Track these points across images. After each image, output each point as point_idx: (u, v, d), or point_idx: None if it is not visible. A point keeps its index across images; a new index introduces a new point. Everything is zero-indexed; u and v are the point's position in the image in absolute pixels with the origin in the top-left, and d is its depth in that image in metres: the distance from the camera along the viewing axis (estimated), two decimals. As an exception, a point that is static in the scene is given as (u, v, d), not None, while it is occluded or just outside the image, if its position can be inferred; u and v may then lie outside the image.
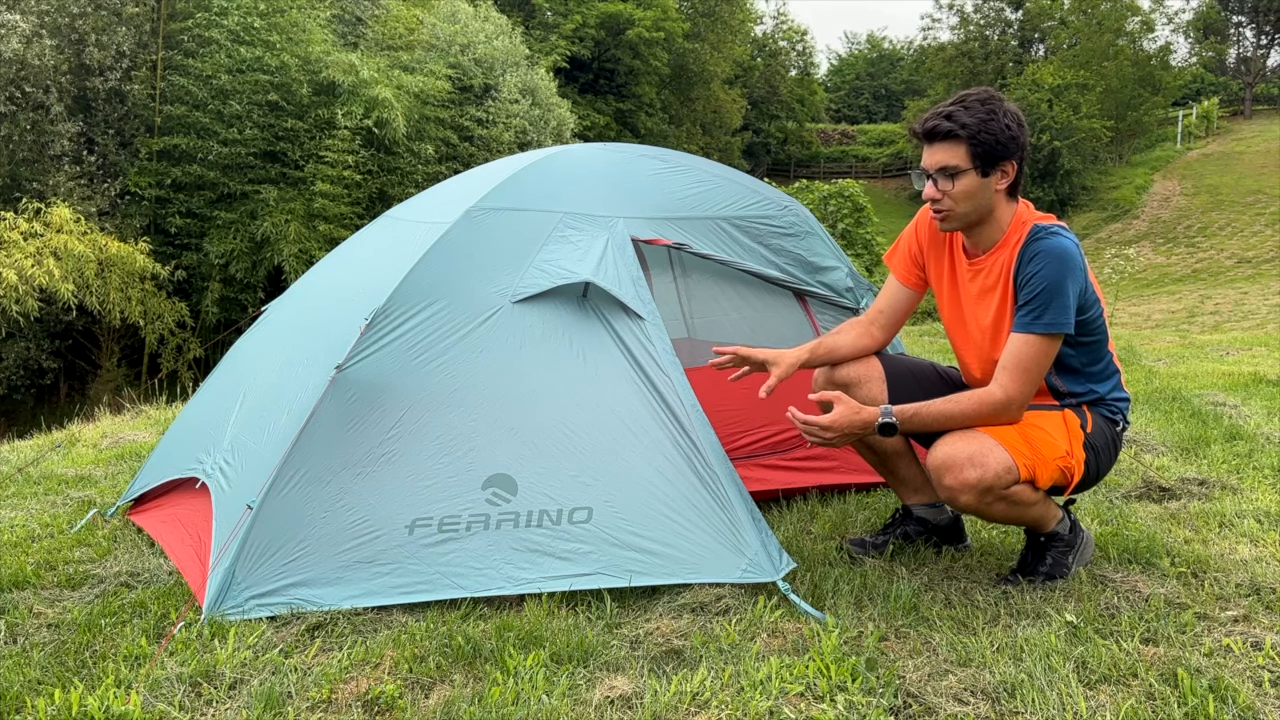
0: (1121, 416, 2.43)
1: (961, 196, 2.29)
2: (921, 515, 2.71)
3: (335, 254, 3.58)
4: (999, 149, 2.26)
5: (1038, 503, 2.34)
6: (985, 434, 2.26)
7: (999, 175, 2.29)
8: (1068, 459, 2.29)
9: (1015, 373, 2.25)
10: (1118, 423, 2.42)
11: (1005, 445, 2.23)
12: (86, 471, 4.07)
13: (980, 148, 2.25)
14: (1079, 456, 2.31)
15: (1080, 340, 2.33)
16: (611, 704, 1.84)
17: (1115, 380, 2.43)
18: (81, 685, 1.91)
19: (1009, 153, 2.27)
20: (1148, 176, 34.67)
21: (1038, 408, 2.37)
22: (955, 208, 2.31)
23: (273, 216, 15.82)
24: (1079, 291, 2.24)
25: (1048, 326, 2.22)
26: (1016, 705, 1.81)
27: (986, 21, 46.08)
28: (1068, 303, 2.21)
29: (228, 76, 15.83)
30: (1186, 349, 8.42)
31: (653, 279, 3.12)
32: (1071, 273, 2.22)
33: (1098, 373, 2.40)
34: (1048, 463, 2.27)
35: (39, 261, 12.74)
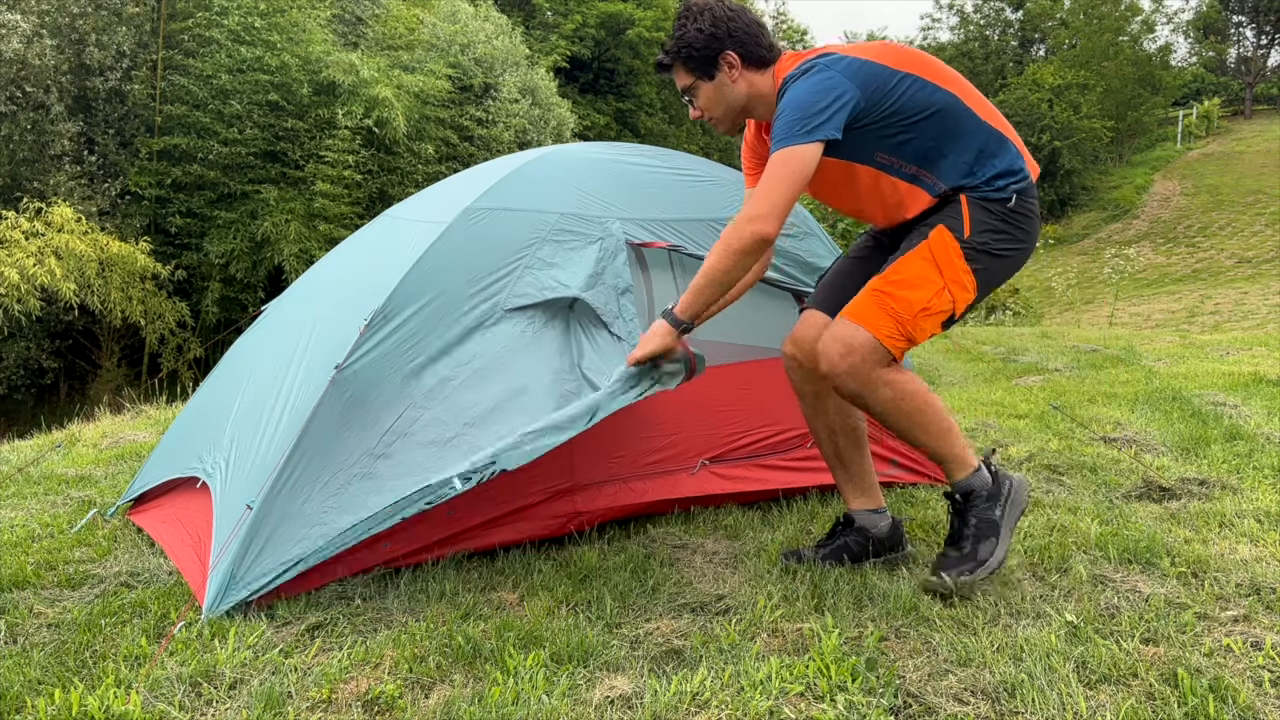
0: (1012, 186, 2.32)
1: (709, 105, 2.40)
2: (862, 524, 2.62)
3: (335, 253, 3.58)
4: (705, 51, 2.34)
5: (929, 403, 2.30)
6: (847, 320, 2.28)
7: (725, 68, 2.36)
8: (938, 298, 2.27)
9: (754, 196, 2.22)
10: (1007, 198, 2.32)
11: (867, 326, 2.25)
12: (86, 471, 4.07)
13: (690, 61, 2.37)
14: (956, 280, 2.27)
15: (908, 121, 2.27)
16: (611, 704, 1.84)
17: (992, 153, 2.33)
18: (81, 685, 1.91)
19: (716, 48, 2.34)
20: (1148, 176, 34.67)
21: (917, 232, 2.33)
22: (714, 113, 2.42)
23: (273, 216, 15.82)
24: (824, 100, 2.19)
25: (778, 143, 2.20)
26: (1016, 705, 1.81)
27: (986, 21, 46.09)
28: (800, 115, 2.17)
29: (228, 76, 15.83)
30: (1186, 349, 8.43)
31: (652, 279, 3.13)
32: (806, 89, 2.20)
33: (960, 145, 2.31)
34: (915, 319, 2.26)
35: (40, 261, 12.74)
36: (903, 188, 2.37)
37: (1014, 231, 2.34)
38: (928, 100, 2.29)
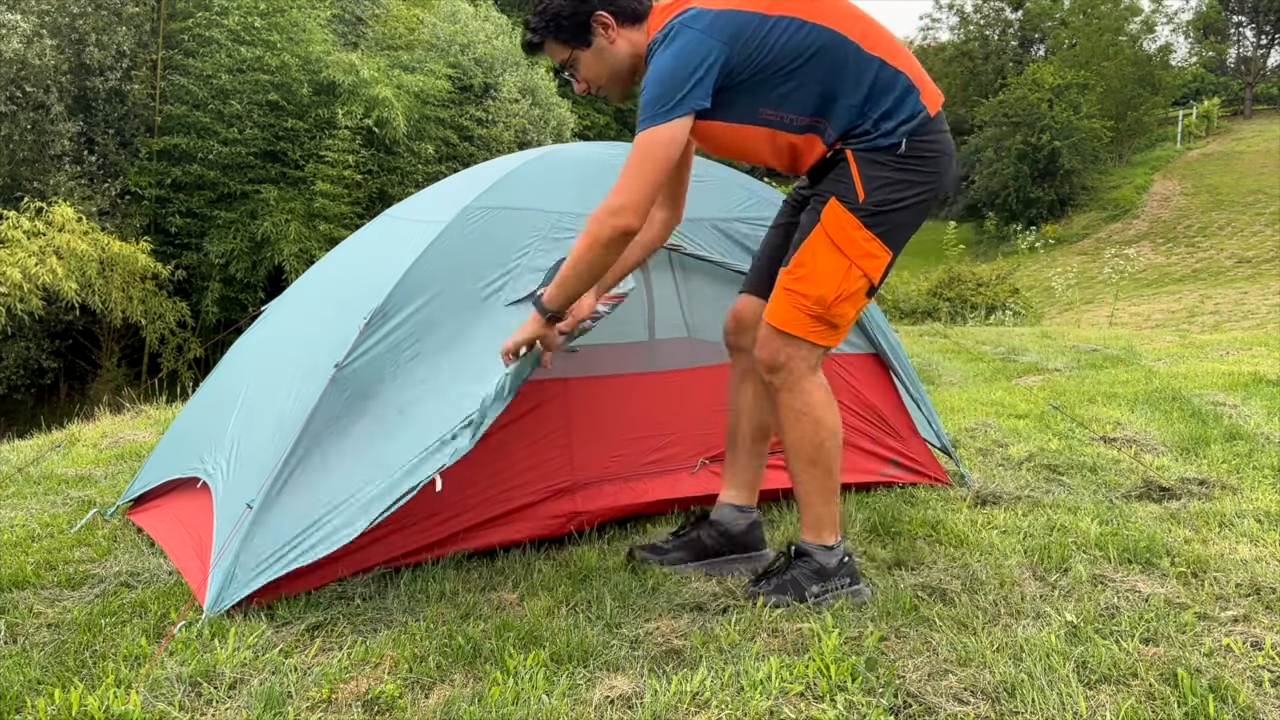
0: (900, 128, 2.16)
1: (593, 74, 2.28)
2: (718, 517, 2.58)
3: (334, 253, 3.59)
4: (574, 18, 2.22)
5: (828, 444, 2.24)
6: (770, 324, 2.23)
7: (600, 31, 2.23)
8: (847, 280, 2.18)
9: (616, 185, 2.10)
10: (896, 143, 2.15)
11: (787, 329, 2.21)
12: (86, 471, 4.07)
13: (562, 32, 2.24)
14: (861, 253, 2.17)
15: (785, 69, 2.13)
16: (611, 704, 1.84)
17: (882, 90, 2.16)
18: (81, 685, 1.91)
19: (585, 11, 2.21)
20: (1148, 176, 34.67)
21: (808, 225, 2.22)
22: (600, 82, 2.29)
23: (273, 216, 15.82)
24: (699, 64, 2.07)
25: (651, 120, 2.08)
26: (1016, 705, 1.81)
27: (986, 21, 46.08)
28: (660, 92, 2.06)
29: (228, 76, 15.82)
30: (1186, 349, 8.43)
31: (653, 279, 3.13)
32: (671, 61, 2.08)
33: (849, 90, 2.15)
34: (830, 309, 2.19)
35: (42, 260, 12.74)
36: (801, 141, 2.23)
37: (911, 177, 2.18)
38: (805, 41, 2.12)
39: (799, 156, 2.27)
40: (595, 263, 2.16)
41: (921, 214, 2.25)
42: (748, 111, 2.18)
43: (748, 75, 2.13)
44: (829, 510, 2.32)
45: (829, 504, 2.31)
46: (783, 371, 2.23)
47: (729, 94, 2.15)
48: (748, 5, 2.14)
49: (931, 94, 2.22)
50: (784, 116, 2.19)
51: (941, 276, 17.43)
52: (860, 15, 2.21)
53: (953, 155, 2.27)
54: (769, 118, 2.19)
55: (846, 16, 2.18)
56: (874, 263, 2.20)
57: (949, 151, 2.25)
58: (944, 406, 5.21)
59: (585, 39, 2.24)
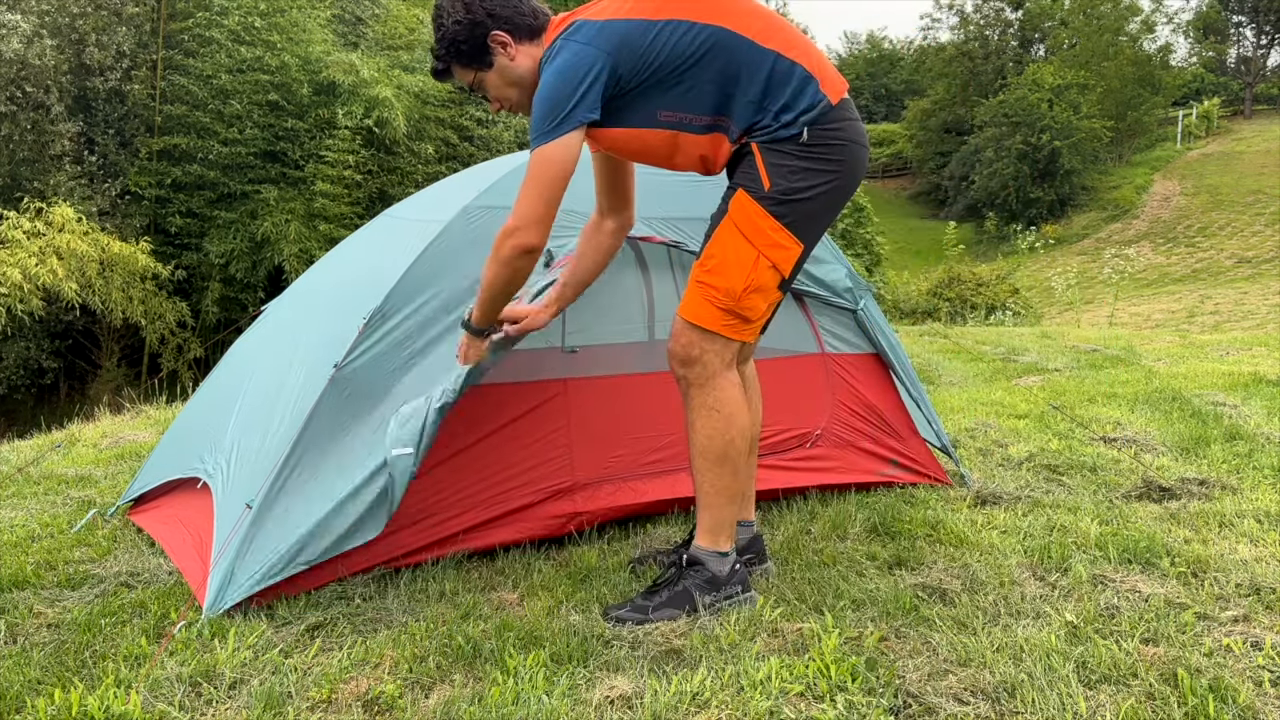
0: (801, 118, 2.13)
1: (501, 92, 2.26)
2: None
3: (334, 253, 3.59)
4: (473, 42, 2.20)
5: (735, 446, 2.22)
6: (681, 316, 2.22)
7: (499, 50, 2.21)
8: (755, 271, 2.16)
9: (515, 204, 2.11)
10: (797, 133, 2.13)
11: (698, 321, 2.19)
12: (86, 471, 4.07)
13: (462, 56, 2.23)
14: (769, 243, 2.15)
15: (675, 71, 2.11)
16: (611, 704, 1.84)
17: (779, 82, 2.13)
18: (81, 685, 1.91)
19: (481, 33, 2.19)
20: (1148, 176, 34.69)
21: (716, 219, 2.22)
22: (510, 99, 2.27)
23: (273, 216, 15.82)
24: (584, 77, 2.06)
25: (541, 137, 2.07)
26: (1016, 705, 1.81)
27: (986, 21, 46.10)
28: (549, 108, 2.05)
29: (228, 76, 15.82)
30: (1186, 349, 8.43)
31: (652, 278, 3.13)
32: (555, 76, 2.07)
33: (746, 86, 2.13)
34: (739, 301, 2.17)
35: (42, 260, 12.74)
36: (705, 142, 2.21)
37: (816, 165, 2.15)
38: (693, 42, 2.11)
39: (708, 158, 2.25)
40: (507, 279, 2.18)
41: (832, 204, 2.22)
42: (647, 116, 2.17)
43: (640, 81, 2.12)
44: (730, 514, 2.29)
45: (731, 506, 2.28)
46: (695, 366, 2.21)
47: (624, 101, 2.15)
48: (633, 13, 2.13)
49: (832, 82, 2.19)
50: (684, 118, 2.17)
51: (941, 276, 17.44)
52: (752, 8, 2.18)
53: (863, 143, 2.23)
54: (669, 120, 2.18)
55: (738, 12, 2.15)
56: (783, 254, 2.18)
57: (858, 139, 2.21)
58: (944, 406, 5.21)
59: (486, 60, 2.23)
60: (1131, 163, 37.16)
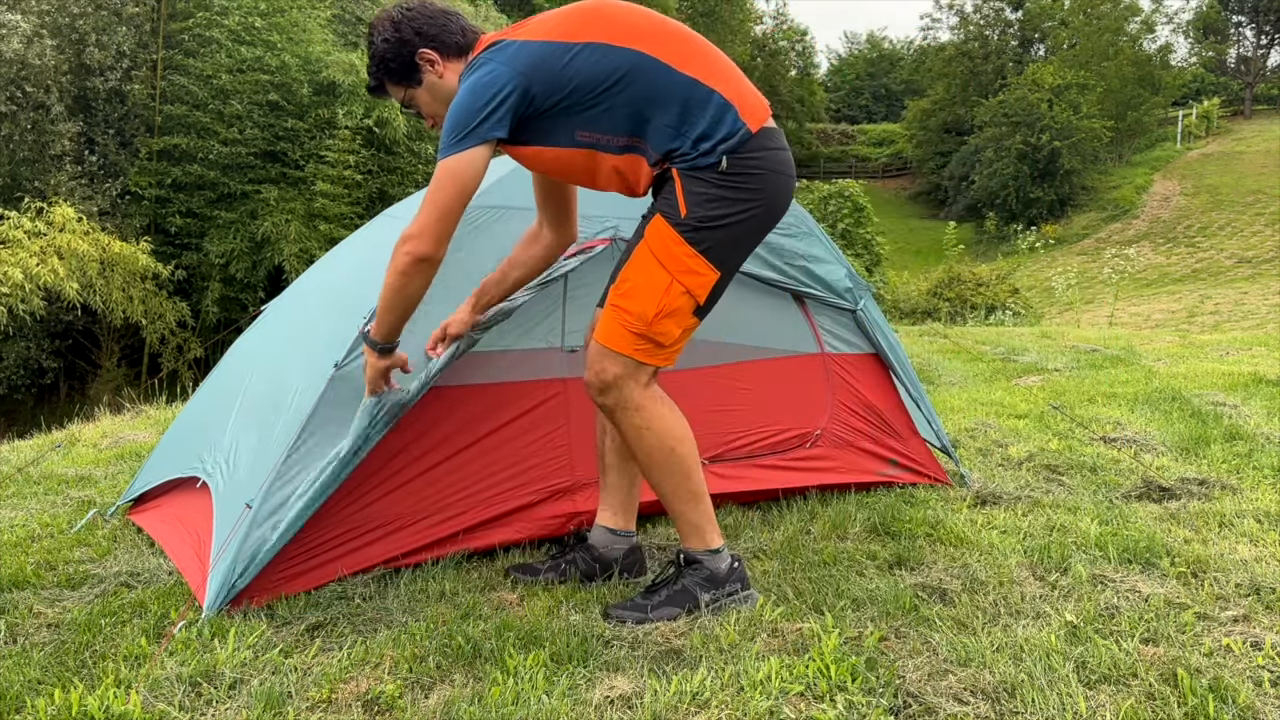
0: (719, 147, 2.11)
1: (432, 109, 2.30)
2: (594, 541, 2.55)
3: (334, 252, 3.59)
4: (400, 60, 2.24)
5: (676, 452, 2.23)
6: (595, 340, 2.22)
7: (427, 67, 2.24)
8: (668, 296, 2.14)
9: (419, 209, 2.13)
10: (715, 162, 2.11)
11: (611, 345, 2.19)
12: (86, 471, 4.07)
13: (391, 75, 2.26)
14: (683, 269, 2.14)
15: (594, 96, 2.12)
16: (611, 704, 1.84)
17: (695, 110, 2.12)
18: (81, 685, 1.91)
19: (409, 52, 2.23)
20: (1148, 176, 34.70)
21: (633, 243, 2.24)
22: (439, 113, 2.28)
23: (273, 216, 15.82)
24: (494, 96, 2.07)
25: (441, 154, 2.10)
26: (1016, 705, 1.81)
27: (986, 22, 46.11)
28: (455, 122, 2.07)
29: (228, 76, 15.83)
30: (1186, 349, 8.43)
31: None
32: (463, 101, 2.09)
33: (663, 112, 2.13)
34: (651, 326, 2.15)
35: (44, 260, 12.75)
36: (623, 162, 2.21)
37: (734, 195, 2.13)
38: (611, 67, 2.11)
39: (628, 179, 2.25)
40: (400, 291, 2.17)
41: (752, 232, 2.21)
42: (565, 136, 2.18)
43: (555, 102, 2.13)
44: (700, 513, 2.30)
45: (699, 505, 2.29)
46: (612, 391, 2.20)
47: (541, 121, 2.15)
48: (553, 35, 2.14)
49: (752, 110, 2.17)
50: (600, 138, 2.18)
51: (941, 276, 17.45)
52: (674, 34, 2.18)
53: (786, 173, 2.21)
54: (586, 140, 2.18)
55: (657, 37, 2.15)
56: (697, 280, 2.16)
57: (779, 169, 2.20)
58: (944, 406, 5.21)
59: (416, 77, 2.26)
60: (1131, 163, 37.17)
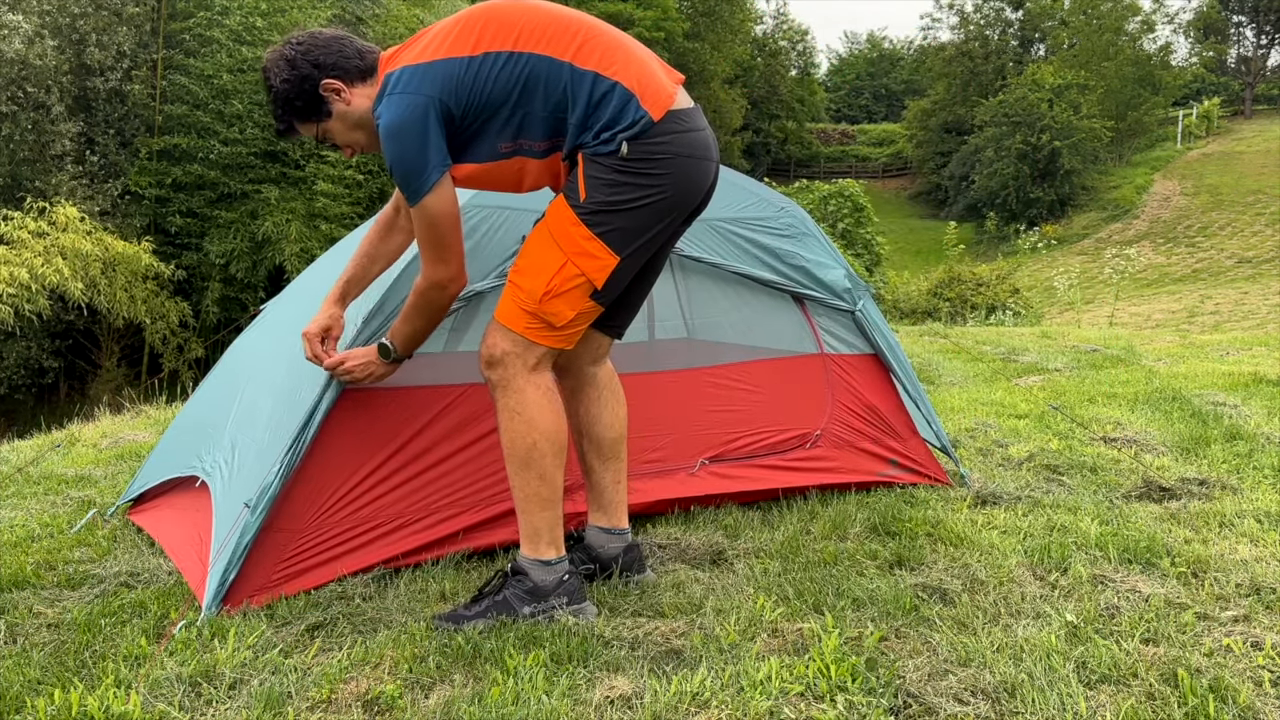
0: (619, 134, 2.10)
1: (347, 139, 2.26)
2: (591, 541, 2.53)
3: (334, 251, 3.58)
4: (305, 96, 2.19)
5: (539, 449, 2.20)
6: (494, 317, 2.21)
7: (334, 97, 2.20)
8: (560, 276, 2.14)
9: (420, 248, 2.17)
10: (615, 149, 2.10)
11: (505, 322, 2.19)
12: (86, 471, 4.07)
13: (298, 114, 2.21)
14: (579, 250, 2.13)
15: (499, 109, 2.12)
16: (611, 704, 1.84)
17: (598, 101, 2.12)
18: (81, 685, 1.91)
19: (311, 86, 2.18)
20: (1148, 176, 34.69)
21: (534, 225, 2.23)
22: (357, 141, 2.27)
23: (273, 216, 15.83)
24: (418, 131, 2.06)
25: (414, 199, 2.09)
26: (1016, 705, 1.81)
27: (986, 21, 46.11)
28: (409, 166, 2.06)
29: (229, 76, 15.84)
30: (1186, 349, 8.43)
31: (653, 279, 3.13)
32: (394, 140, 2.06)
33: (571, 106, 2.12)
34: (541, 305, 2.15)
35: (48, 260, 12.76)
36: (545, 165, 2.22)
37: (635, 180, 2.12)
38: (511, 73, 2.10)
39: (558, 176, 2.26)
40: (433, 319, 2.30)
41: (658, 217, 2.18)
42: (487, 149, 2.18)
43: (474, 117, 2.13)
44: (545, 520, 2.25)
45: (545, 512, 2.25)
46: (499, 367, 2.19)
47: (464, 138, 2.15)
48: (451, 51, 2.11)
49: (654, 97, 2.13)
50: (522, 144, 2.18)
51: (941, 276, 17.44)
52: (569, 28, 2.15)
53: (699, 155, 2.19)
54: (508, 150, 2.19)
55: (556, 36, 2.13)
56: (594, 263, 2.15)
57: (690, 152, 2.17)
58: (944, 406, 5.21)
59: (324, 110, 2.21)
60: (1131, 163, 37.15)
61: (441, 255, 2.15)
